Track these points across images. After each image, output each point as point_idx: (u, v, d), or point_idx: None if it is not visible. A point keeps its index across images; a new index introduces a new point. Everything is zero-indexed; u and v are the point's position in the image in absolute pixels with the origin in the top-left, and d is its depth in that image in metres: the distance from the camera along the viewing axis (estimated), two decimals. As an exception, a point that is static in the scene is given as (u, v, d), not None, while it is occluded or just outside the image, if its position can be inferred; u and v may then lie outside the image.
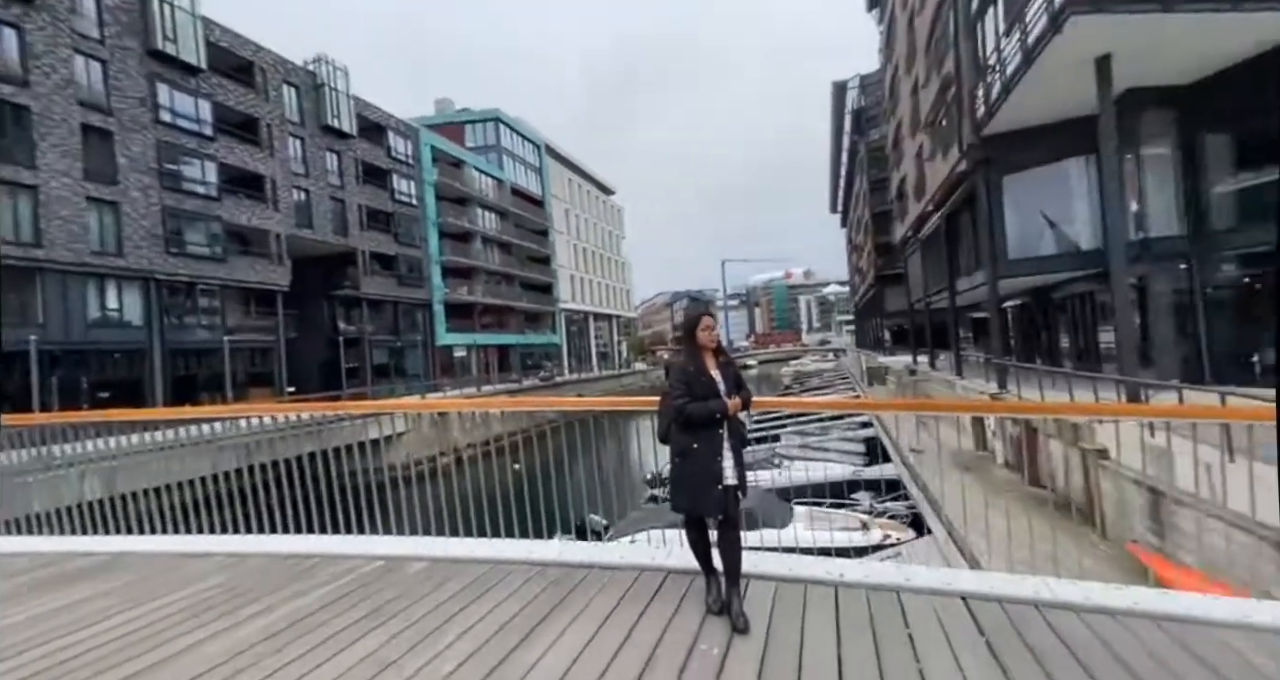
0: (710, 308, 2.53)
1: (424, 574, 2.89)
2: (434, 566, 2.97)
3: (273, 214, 23.15)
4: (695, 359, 2.39)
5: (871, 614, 2.19)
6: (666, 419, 2.42)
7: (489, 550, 3.11)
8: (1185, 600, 2.16)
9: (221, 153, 21.50)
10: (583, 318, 50.52)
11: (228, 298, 21.58)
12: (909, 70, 21.51)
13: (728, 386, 2.39)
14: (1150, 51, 9.42)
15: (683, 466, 2.33)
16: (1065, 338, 15.55)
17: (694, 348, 2.40)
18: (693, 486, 2.30)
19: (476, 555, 3.06)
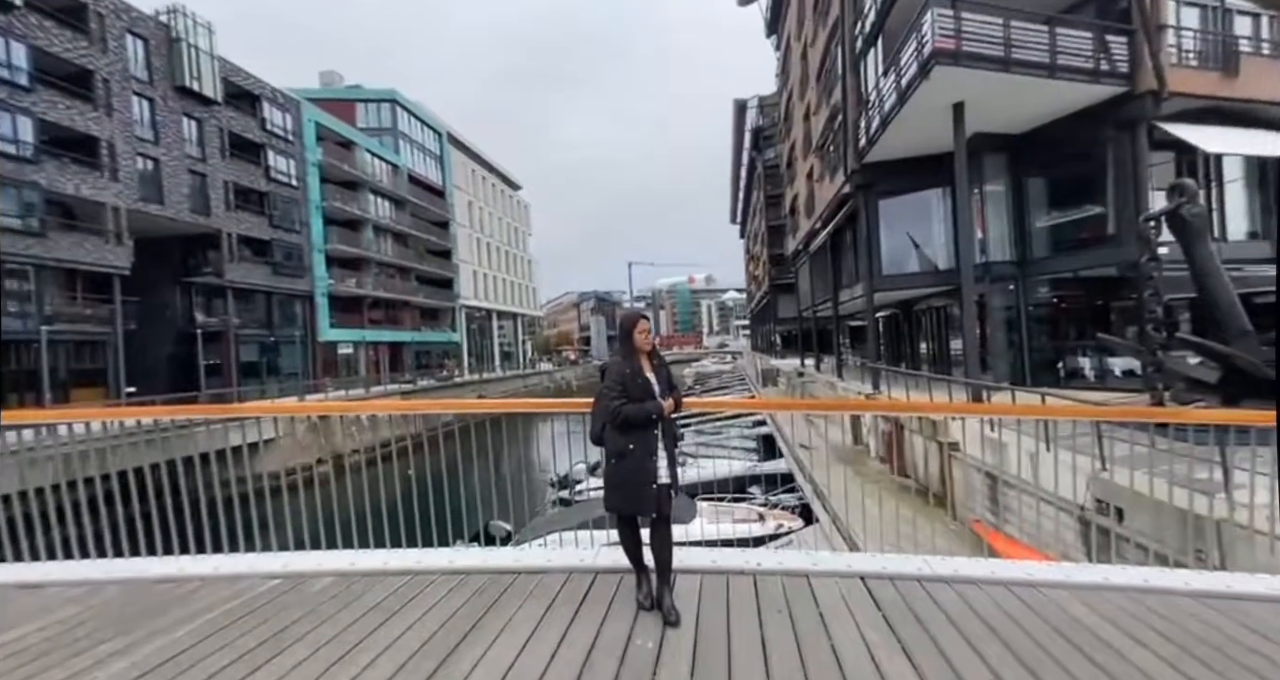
0: (645, 313, 2.66)
1: (330, 591, 2.67)
2: (341, 582, 2.76)
3: (110, 184, 19.63)
4: (632, 361, 2.46)
5: (787, 598, 2.41)
6: (601, 420, 2.47)
7: (404, 561, 2.95)
8: (1026, 567, 2.63)
9: (41, 107, 17.84)
10: (485, 315, 48.61)
11: (47, 280, 17.93)
12: (802, 97, 23.39)
13: (661, 388, 2.47)
14: (992, 103, 11.11)
15: (619, 467, 2.39)
16: (924, 345, 17.85)
17: (630, 349, 2.47)
18: (629, 486, 2.36)
19: (390, 567, 2.89)
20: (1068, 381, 12.04)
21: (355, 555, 3.04)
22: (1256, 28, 12.36)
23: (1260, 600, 2.34)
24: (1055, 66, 10.27)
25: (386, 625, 2.31)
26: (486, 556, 2.97)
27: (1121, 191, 11.18)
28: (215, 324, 23.46)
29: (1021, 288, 13.09)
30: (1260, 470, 3.90)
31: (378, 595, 2.60)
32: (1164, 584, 2.44)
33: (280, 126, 27.75)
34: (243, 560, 3.03)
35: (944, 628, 2.13)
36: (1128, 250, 11.00)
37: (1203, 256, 6.98)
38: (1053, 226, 13.02)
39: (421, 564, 2.90)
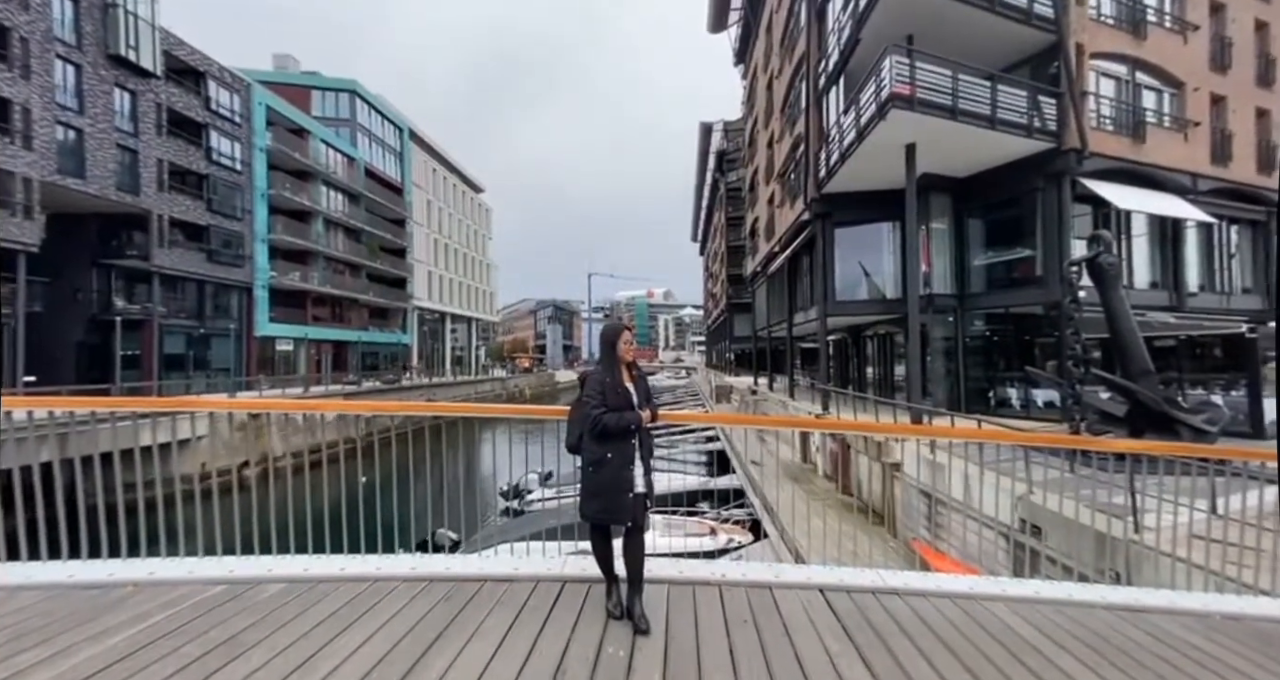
0: (629, 325, 2.71)
1: (282, 598, 2.55)
2: (294, 588, 2.63)
3: (21, 152, 17.94)
4: (613, 371, 2.51)
5: (752, 609, 2.50)
6: (579, 428, 2.50)
7: (363, 567, 2.84)
8: (968, 581, 2.83)
9: (-54, 61, 16.20)
10: (438, 318, 47.20)
11: (-65, 253, 16.13)
12: (766, 125, 24.37)
13: (639, 399, 2.53)
14: (940, 147, 11.95)
15: (596, 475, 2.41)
16: (870, 369, 18.73)
17: (613, 360, 2.53)
18: (606, 495, 2.39)
19: (348, 573, 2.78)
20: (997, 409, 12.92)
21: (309, 561, 2.90)
22: (1160, 102, 13.96)
23: (1163, 613, 2.62)
24: (995, 119, 11.21)
25: (347, 633, 2.23)
26: (451, 563, 2.90)
27: (1048, 237, 12.24)
28: (137, 311, 21.68)
29: (960, 320, 14.02)
30: (1165, 497, 4.36)
31: (335, 602, 2.50)
32: (1085, 598, 2.70)
33: (226, 107, 26.28)
34: (181, 565, 2.84)
35: (897, 637, 2.28)
36: (1052, 291, 12.05)
37: (1115, 301, 7.76)
38: (988, 264, 14.06)
39: (381, 570, 2.81)
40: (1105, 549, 4.34)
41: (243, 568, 2.80)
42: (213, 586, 2.62)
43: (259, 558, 2.91)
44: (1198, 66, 14.13)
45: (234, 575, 2.72)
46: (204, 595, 2.54)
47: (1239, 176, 14.36)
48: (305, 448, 3.28)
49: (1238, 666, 2.16)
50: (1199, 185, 13.72)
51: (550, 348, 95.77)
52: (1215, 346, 11.64)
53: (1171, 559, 3.98)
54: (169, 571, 2.75)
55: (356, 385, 28.88)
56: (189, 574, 2.73)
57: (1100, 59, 12.86)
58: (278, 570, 2.78)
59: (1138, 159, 12.78)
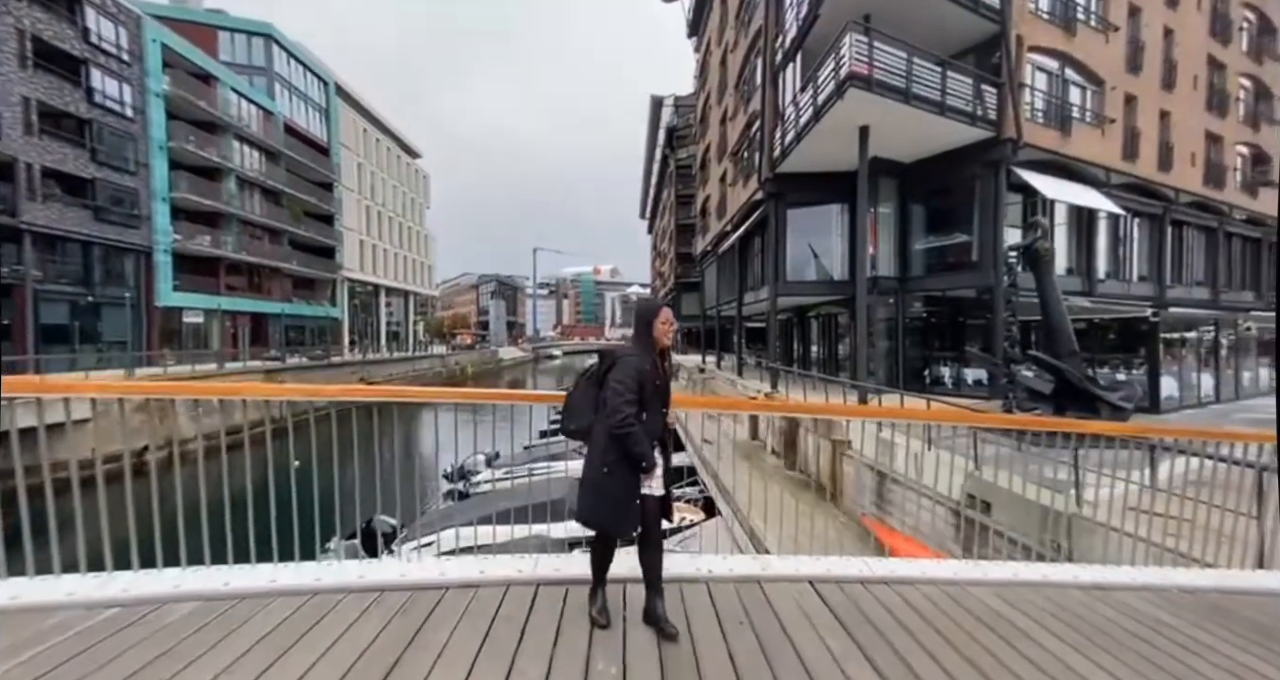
0: (668, 304, 2.36)
1: (195, 621, 2.12)
2: (210, 608, 2.21)
3: None
4: (653, 356, 2.16)
5: (744, 607, 2.34)
6: (587, 415, 2.17)
7: (298, 577, 2.44)
8: (951, 566, 2.82)
9: None
10: (371, 291, 44.39)
11: None
12: (719, 101, 24.09)
13: (668, 393, 2.25)
14: (891, 131, 12.14)
15: (606, 478, 2.11)
16: (815, 348, 19.33)
17: (650, 344, 2.17)
18: (613, 501, 2.11)
19: (280, 585, 2.38)
20: (932, 387, 13.65)
21: (229, 572, 2.46)
22: (1084, 98, 14.84)
23: (1127, 589, 2.70)
24: (944, 105, 11.49)
25: (283, 661, 1.87)
26: (406, 569, 2.56)
27: (984, 224, 12.84)
28: (3, 275, 18.82)
29: (901, 302, 14.59)
30: (1104, 472, 4.63)
31: (266, 623, 2.11)
32: (1059, 578, 2.75)
33: (111, 41, 22.83)
34: (57, 585, 2.32)
35: (895, 631, 2.19)
36: (986, 275, 12.71)
37: (1048, 285, 8.22)
38: (928, 249, 14.65)
39: (322, 581, 2.42)
40: (1049, 522, 4.58)
41: (141, 585, 2.33)
42: (102, 610, 2.15)
43: (162, 571, 2.44)
44: (1116, 66, 15.09)
45: (129, 595, 2.26)
46: (90, 622, 2.08)
47: (1143, 173, 15.63)
48: (221, 429, 2.74)
49: (1204, 641, 2.24)
50: (1111, 179, 14.81)
51: (494, 324, 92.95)
52: (1121, 329, 12.75)
53: (1107, 529, 4.25)
54: (40, 594, 2.24)
55: (280, 361, 26.76)
56: (69, 596, 2.23)
57: (1036, 53, 13.43)
58: (188, 585, 2.34)
59: (1063, 151, 13.57)
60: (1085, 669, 1.96)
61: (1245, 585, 2.76)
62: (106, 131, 22.42)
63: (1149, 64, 15.87)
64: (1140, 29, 15.73)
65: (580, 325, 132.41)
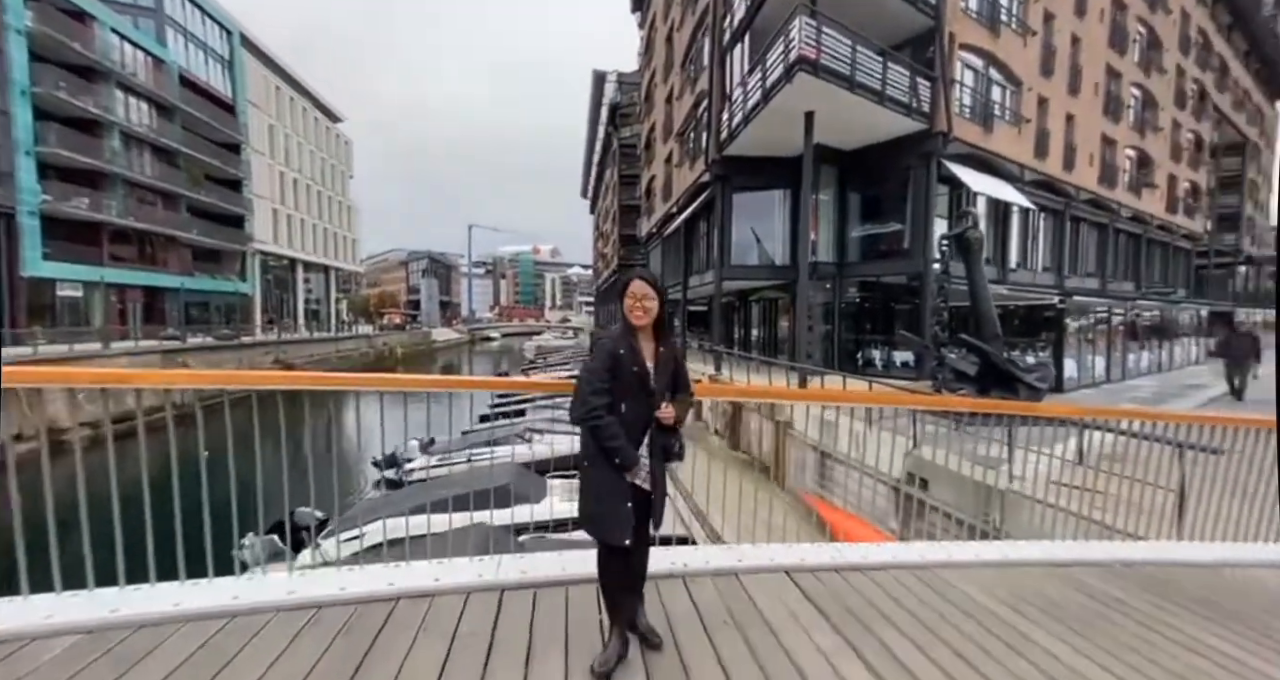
0: (643, 273, 1.97)
1: (78, 658, 1.74)
2: (95, 642, 1.83)
3: None
4: (628, 338, 1.89)
5: (725, 603, 2.24)
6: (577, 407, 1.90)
7: (212, 596, 2.08)
8: (918, 548, 2.85)
9: None
10: (287, 265, 40.84)
11: None
12: (665, 80, 23.71)
13: (662, 383, 1.92)
14: (834, 118, 12.36)
15: (589, 475, 1.90)
16: (756, 331, 19.79)
17: (629, 323, 1.91)
18: (596, 502, 1.87)
19: (186, 609, 2.00)
20: (865, 369, 14.33)
21: (119, 595, 2.06)
22: (1004, 97, 15.80)
23: (1078, 565, 2.84)
24: (885, 95, 11.82)
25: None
26: (346, 580, 2.24)
27: (916, 213, 13.46)
28: None
29: (839, 287, 15.13)
30: (1031, 448, 4.95)
31: (170, 657, 1.76)
32: (1017, 556, 2.86)
33: (-45, -38, 19.14)
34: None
35: (880, 623, 2.16)
36: (916, 262, 13.39)
37: (977, 273, 8.70)
38: (864, 236, 15.23)
39: (242, 600, 2.07)
40: (982, 497, 4.86)
41: (3, 617, 1.89)
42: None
43: (29, 599, 1.99)
44: (1032, 69, 16.15)
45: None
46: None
47: (1051, 170, 16.96)
48: (106, 416, 2.24)
49: (1159, 617, 2.38)
50: (1025, 175, 15.97)
51: (425, 303, 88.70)
52: (1028, 315, 13.89)
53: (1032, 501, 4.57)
54: None
55: (180, 341, 24.11)
56: None
57: (966, 51, 14.08)
58: (65, 615, 1.92)
59: (986, 147, 14.41)
60: (1067, 656, 2.01)
61: (1174, 557, 3.00)
62: (-53, 69, 18.89)
63: (1059, 68, 17.11)
64: (1053, 35, 16.88)
65: (519, 306, 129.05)
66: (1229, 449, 3.25)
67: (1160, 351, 17.01)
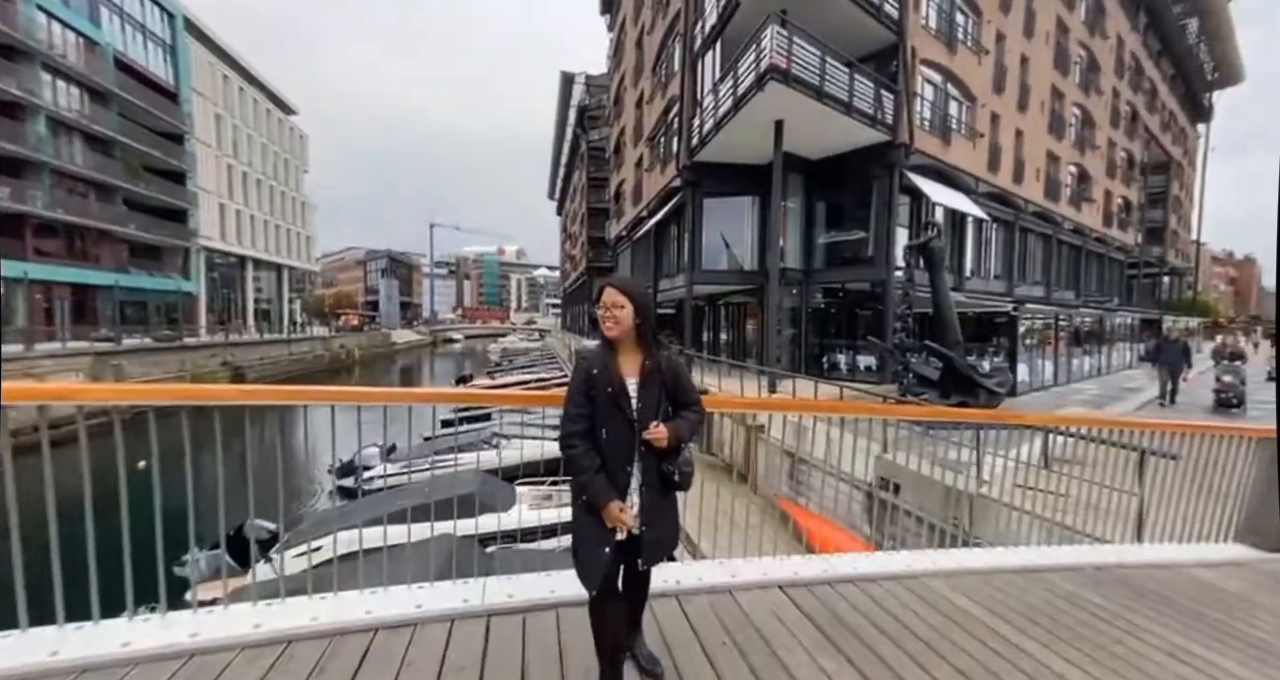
0: (615, 280, 1.75)
1: None
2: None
3: None
4: (603, 355, 1.71)
5: (721, 622, 2.18)
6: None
7: (162, 634, 1.87)
8: (904, 558, 2.87)
9: None
10: (236, 263, 38.77)
11: None
12: (635, 83, 23.74)
13: (648, 406, 1.69)
14: (802, 127, 12.62)
15: (574, 508, 1.73)
16: (723, 335, 19.98)
17: (604, 337, 1.73)
18: (576, 540, 1.71)
19: (136, 649, 1.79)
20: (829, 373, 14.66)
21: (58, 636, 1.83)
22: (960, 112, 16.52)
23: (1052, 570, 2.93)
24: (851, 106, 12.14)
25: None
26: (317, 609, 2.07)
27: (879, 222, 13.88)
28: None
29: (805, 293, 15.43)
30: (999, 453, 5.12)
31: None
32: (998, 563, 2.92)
33: None
34: None
35: (879, 640, 2.15)
36: (880, 270, 13.79)
37: (940, 281, 9.03)
38: (829, 243, 15.60)
39: (202, 636, 1.88)
40: (951, 501, 5.00)
41: None
42: None
43: None
44: (986, 86, 16.95)
45: None
46: None
47: (1002, 183, 17.83)
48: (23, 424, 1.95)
49: (1137, 623, 2.46)
50: (979, 187, 16.73)
51: (384, 304, 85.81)
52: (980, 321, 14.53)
53: (999, 505, 4.74)
54: None
55: (114, 342, 22.50)
56: None
57: (925, 66, 14.64)
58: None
59: (943, 159, 15.02)
60: (1060, 667, 2.04)
61: (1140, 559, 3.14)
62: None
63: (1009, 86, 18.02)
64: (1005, 54, 17.77)
65: (483, 308, 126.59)
66: (1184, 454, 3.43)
67: (1099, 356, 18.09)
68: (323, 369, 37.32)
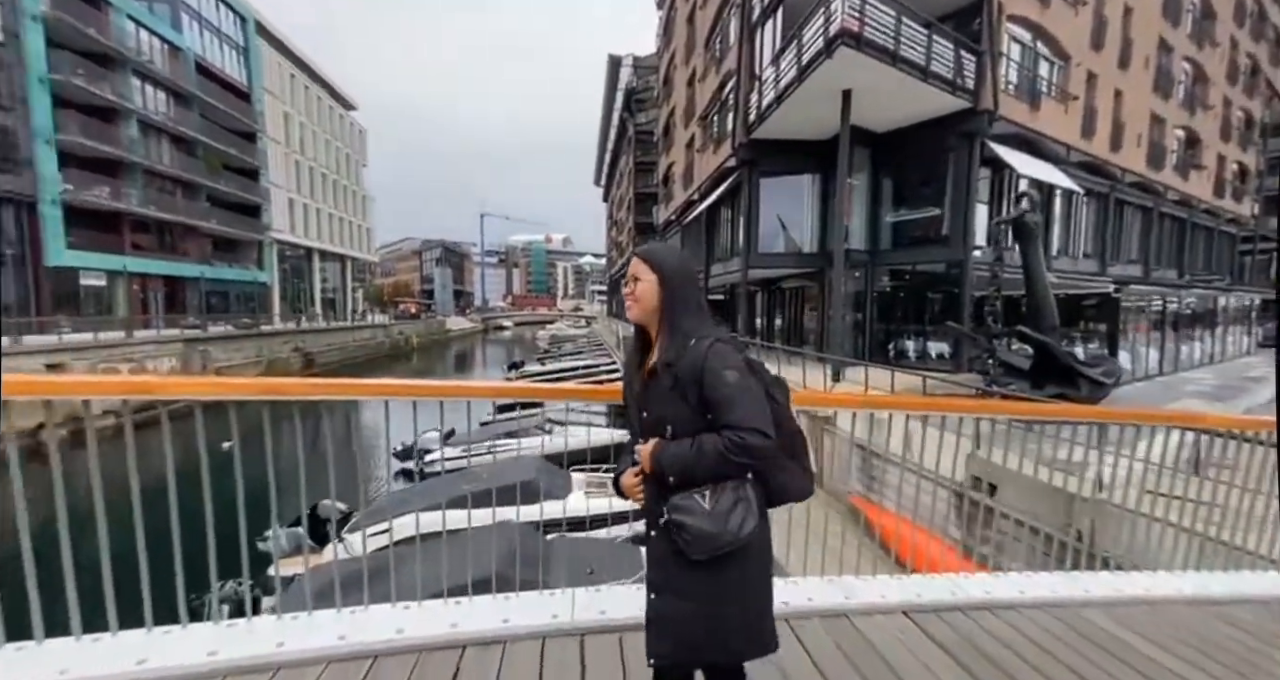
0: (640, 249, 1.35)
1: None
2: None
3: None
4: (634, 343, 1.38)
5: (843, 652, 1.88)
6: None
7: (244, 645, 1.76)
8: (1047, 581, 2.47)
9: None
10: (304, 254, 40.97)
11: None
12: (686, 62, 22.96)
13: (654, 418, 1.26)
14: (871, 97, 11.70)
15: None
16: (778, 321, 19.29)
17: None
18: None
19: (219, 661, 1.69)
20: (897, 360, 13.80)
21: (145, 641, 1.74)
22: (1051, 73, 14.93)
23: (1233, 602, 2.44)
24: (929, 71, 11.14)
25: None
26: (403, 619, 1.92)
27: (956, 197, 12.81)
28: None
29: (870, 275, 14.56)
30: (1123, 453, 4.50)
31: None
32: (1164, 593, 2.46)
33: (-29, -52, 19.01)
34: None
35: (1025, 672, 1.79)
36: (956, 249, 12.78)
37: (1034, 259, 8.16)
38: (897, 222, 14.59)
39: (288, 646, 1.76)
40: (1065, 507, 4.46)
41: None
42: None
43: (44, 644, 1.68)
44: (1081, 42, 15.23)
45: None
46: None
47: (1097, 151, 16.09)
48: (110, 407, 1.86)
49: None
50: (1070, 156, 15.15)
51: (439, 293, 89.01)
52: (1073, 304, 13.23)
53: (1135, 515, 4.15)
54: None
55: (201, 329, 24.28)
56: None
57: (1013, 22, 13.26)
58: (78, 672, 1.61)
59: (1031, 126, 13.65)
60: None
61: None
62: (-33, 57, 18.86)
63: (1110, 41, 16.14)
64: (1104, 5, 15.90)
65: (531, 296, 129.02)
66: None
67: (1211, 342, 16.20)
68: (384, 355, 39.09)
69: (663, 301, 1.27)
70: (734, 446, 1.15)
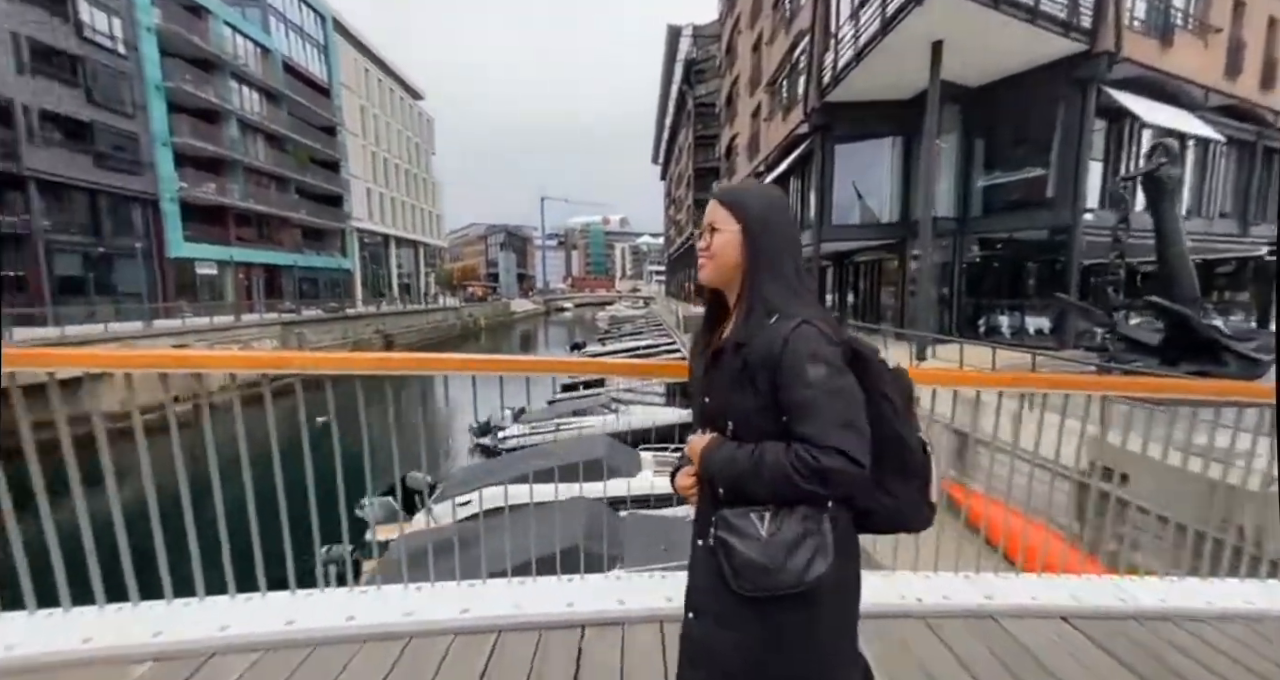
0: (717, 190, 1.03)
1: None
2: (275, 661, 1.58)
3: None
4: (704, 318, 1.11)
5: (998, 658, 1.66)
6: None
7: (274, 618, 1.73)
8: (1240, 590, 2.10)
9: None
10: (381, 241, 43.40)
11: None
12: (752, 26, 21.80)
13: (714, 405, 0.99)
14: (965, 47, 10.55)
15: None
16: (853, 297, 18.30)
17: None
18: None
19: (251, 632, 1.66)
20: (988, 337, 12.70)
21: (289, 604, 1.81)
22: (1188, 2, 12.84)
23: None
24: (1037, 11, 9.89)
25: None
26: (518, 596, 1.89)
27: (1064, 155, 11.44)
28: (14, 224, 18.19)
29: (958, 244, 13.41)
30: None
31: None
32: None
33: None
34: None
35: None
36: (1062, 214, 11.47)
37: (1170, 221, 7.10)
38: (990, 186, 13.26)
39: (413, 618, 1.77)
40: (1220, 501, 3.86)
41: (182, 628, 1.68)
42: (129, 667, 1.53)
43: (205, 601, 1.78)
44: (1226, -36, 12.99)
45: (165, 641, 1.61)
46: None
47: (1242, 92, 13.80)
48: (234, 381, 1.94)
49: None
50: (1209, 100, 13.10)
51: (504, 276, 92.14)
52: (1207, 271, 11.59)
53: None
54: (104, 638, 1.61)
55: (295, 313, 26.40)
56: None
57: (1140, -53, 11.49)
58: (239, 628, 1.68)
59: (1161, 67, 11.86)
60: None
61: None
62: (100, 69, 21.01)
63: (1263, -39, 13.68)
64: (1257, -84, 13.44)
65: (590, 277, 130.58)
66: None
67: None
68: (456, 336, 41.04)
69: (746, 260, 0.96)
70: (804, 467, 0.84)
